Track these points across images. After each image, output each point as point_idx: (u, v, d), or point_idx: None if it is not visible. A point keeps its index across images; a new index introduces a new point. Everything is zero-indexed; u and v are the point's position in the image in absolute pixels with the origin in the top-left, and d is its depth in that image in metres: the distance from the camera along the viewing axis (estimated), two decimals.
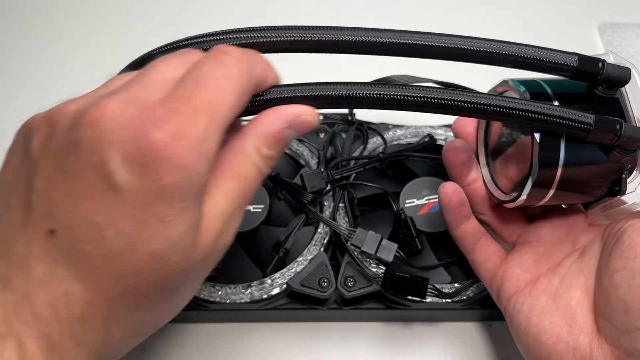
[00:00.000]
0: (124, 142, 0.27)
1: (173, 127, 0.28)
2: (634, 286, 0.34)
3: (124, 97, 0.29)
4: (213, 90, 0.30)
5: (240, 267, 0.51)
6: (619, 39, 0.74)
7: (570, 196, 0.40)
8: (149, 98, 0.29)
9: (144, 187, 0.27)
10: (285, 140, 0.33)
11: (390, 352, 0.52)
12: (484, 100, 0.35)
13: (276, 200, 0.53)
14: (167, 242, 0.28)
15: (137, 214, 0.28)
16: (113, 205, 0.27)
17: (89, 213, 0.27)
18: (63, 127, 0.29)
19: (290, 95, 0.34)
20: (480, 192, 0.45)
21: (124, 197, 0.27)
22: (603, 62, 0.36)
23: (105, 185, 0.27)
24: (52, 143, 0.29)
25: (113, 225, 0.27)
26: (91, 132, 0.27)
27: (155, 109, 0.28)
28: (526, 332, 0.40)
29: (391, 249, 0.48)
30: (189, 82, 0.30)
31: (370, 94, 0.34)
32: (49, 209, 0.28)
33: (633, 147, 0.36)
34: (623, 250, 0.36)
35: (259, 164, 0.33)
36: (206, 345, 0.52)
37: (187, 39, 0.35)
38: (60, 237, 0.28)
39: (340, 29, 0.35)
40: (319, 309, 0.51)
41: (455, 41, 0.35)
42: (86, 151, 0.27)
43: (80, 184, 0.28)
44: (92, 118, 0.28)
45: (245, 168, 0.32)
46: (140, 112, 0.28)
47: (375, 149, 0.56)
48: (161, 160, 0.27)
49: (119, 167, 0.27)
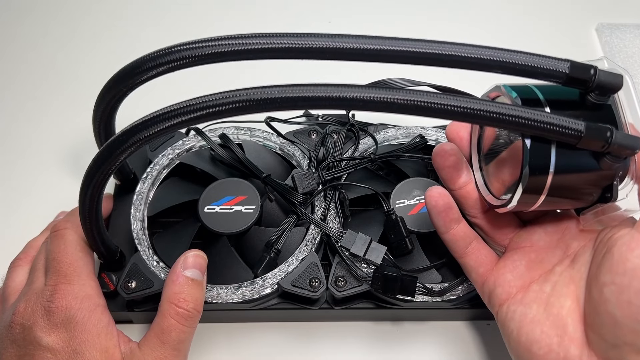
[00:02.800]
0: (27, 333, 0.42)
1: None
2: (623, 301, 0.34)
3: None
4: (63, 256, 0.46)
5: (232, 267, 0.50)
6: (617, 39, 0.74)
7: (561, 202, 0.40)
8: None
9: (68, 348, 0.42)
10: (189, 281, 0.44)
11: (381, 351, 0.52)
12: (475, 105, 0.34)
13: (267, 201, 0.53)
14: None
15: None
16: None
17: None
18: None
19: (283, 96, 0.34)
20: (472, 196, 0.45)
21: (57, 354, 0.42)
22: (595, 68, 0.36)
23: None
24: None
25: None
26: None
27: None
28: (517, 341, 0.40)
29: (380, 251, 0.48)
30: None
31: (361, 96, 0.34)
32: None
33: (624, 154, 0.36)
34: (612, 264, 0.35)
35: (180, 313, 0.43)
36: (198, 345, 0.52)
37: (180, 45, 0.35)
38: None
39: (333, 36, 0.34)
40: (310, 308, 0.51)
41: (445, 48, 0.35)
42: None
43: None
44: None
45: (166, 323, 0.43)
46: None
47: (367, 149, 0.56)
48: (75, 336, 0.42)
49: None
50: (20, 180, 0.62)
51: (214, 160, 0.55)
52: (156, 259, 0.50)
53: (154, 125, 0.35)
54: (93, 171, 0.38)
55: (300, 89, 0.34)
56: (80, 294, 0.44)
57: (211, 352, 0.52)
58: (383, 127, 0.58)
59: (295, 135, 0.57)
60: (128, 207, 0.52)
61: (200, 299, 0.45)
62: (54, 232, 0.48)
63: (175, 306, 0.43)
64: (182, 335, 0.43)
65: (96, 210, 0.41)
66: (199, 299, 0.44)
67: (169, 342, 0.43)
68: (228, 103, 0.34)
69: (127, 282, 0.48)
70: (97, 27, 0.75)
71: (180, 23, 0.76)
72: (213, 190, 0.52)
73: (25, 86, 0.69)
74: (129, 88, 0.39)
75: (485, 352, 0.52)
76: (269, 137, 0.57)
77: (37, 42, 0.73)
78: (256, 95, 0.33)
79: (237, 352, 0.52)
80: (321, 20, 0.76)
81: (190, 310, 0.43)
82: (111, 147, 0.36)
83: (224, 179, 0.53)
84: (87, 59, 0.72)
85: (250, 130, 0.57)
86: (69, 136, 0.65)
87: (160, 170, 0.55)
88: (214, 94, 0.34)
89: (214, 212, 0.51)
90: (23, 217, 0.59)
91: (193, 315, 0.44)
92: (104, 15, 0.76)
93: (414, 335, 0.53)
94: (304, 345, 0.53)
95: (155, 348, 0.43)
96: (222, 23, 0.75)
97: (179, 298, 0.43)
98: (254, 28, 0.35)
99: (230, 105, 0.34)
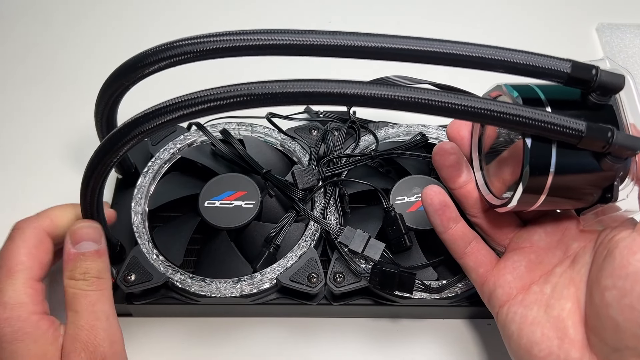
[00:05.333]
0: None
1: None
2: (625, 305, 0.34)
3: None
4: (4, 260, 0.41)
5: (231, 261, 0.51)
6: (617, 39, 0.74)
7: (561, 202, 0.40)
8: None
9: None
10: (80, 255, 0.42)
11: (379, 348, 0.52)
12: (476, 104, 0.34)
13: (267, 197, 0.53)
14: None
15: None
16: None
17: None
18: None
19: (284, 91, 0.34)
20: (472, 195, 0.45)
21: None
22: (597, 69, 0.36)
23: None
24: None
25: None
26: None
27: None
28: (518, 342, 0.40)
29: (378, 248, 0.48)
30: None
31: (362, 93, 0.34)
32: None
33: (625, 154, 0.36)
34: (614, 268, 0.35)
35: (81, 285, 0.41)
36: (197, 339, 0.52)
37: (182, 40, 0.35)
38: None
39: (334, 34, 0.34)
40: (309, 304, 0.51)
41: (448, 47, 0.35)
42: None
43: None
44: None
45: (72, 297, 0.41)
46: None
47: (368, 146, 0.56)
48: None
49: None
50: (21, 174, 0.62)
51: (215, 155, 0.56)
52: (156, 253, 0.50)
53: (155, 118, 0.35)
54: (95, 163, 0.38)
55: (301, 85, 0.34)
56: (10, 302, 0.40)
57: (209, 346, 0.52)
58: (384, 124, 0.58)
59: (296, 132, 0.57)
60: (129, 201, 0.52)
61: (97, 268, 0.42)
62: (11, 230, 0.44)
63: (75, 281, 0.41)
64: (91, 299, 0.41)
65: (97, 203, 0.41)
66: (95, 269, 0.42)
67: (82, 308, 0.41)
68: (230, 97, 0.34)
69: (126, 275, 0.48)
70: (100, 22, 0.75)
71: (181, 20, 0.76)
72: (213, 185, 0.53)
73: (26, 80, 0.69)
74: (131, 82, 0.39)
75: (484, 352, 0.52)
76: (270, 133, 0.57)
77: (40, 35, 0.73)
78: (258, 90, 0.34)
79: (234, 347, 0.52)
80: (321, 20, 0.76)
81: (88, 280, 0.41)
82: (113, 140, 0.36)
83: (224, 174, 0.53)
84: (89, 53, 0.72)
85: (251, 126, 0.57)
86: (70, 130, 0.64)
87: (161, 165, 0.55)
88: (215, 88, 0.34)
89: (214, 207, 0.51)
90: (24, 211, 0.59)
91: (93, 282, 0.41)
92: (107, 9, 0.76)
93: (412, 332, 0.53)
94: (302, 341, 0.53)
95: (73, 321, 0.40)
96: (222, 22, 0.75)
97: (74, 275, 0.41)
98: (254, 27, 0.35)
99: (231, 100, 0.34)
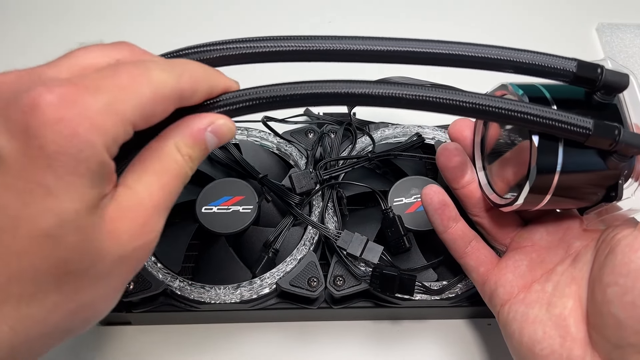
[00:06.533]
0: (6, 104, 0.25)
1: (66, 92, 0.26)
2: (627, 302, 0.35)
3: (18, 72, 0.27)
4: (127, 79, 0.28)
5: (230, 267, 0.50)
6: (617, 39, 0.74)
7: (566, 201, 0.40)
8: (47, 73, 0.27)
9: (28, 154, 0.25)
10: (204, 142, 0.32)
11: (380, 350, 0.52)
12: (484, 101, 0.34)
13: (265, 201, 0.52)
14: (56, 220, 0.25)
15: (20, 185, 0.25)
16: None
17: None
18: None
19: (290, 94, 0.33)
20: (475, 195, 0.45)
21: (7, 166, 0.25)
22: (602, 67, 0.36)
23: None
24: None
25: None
26: None
27: (51, 78, 0.26)
28: (519, 341, 0.40)
29: (377, 251, 0.48)
30: (104, 70, 0.28)
31: (369, 91, 0.34)
32: None
33: (631, 153, 0.36)
34: (616, 265, 0.36)
35: (179, 161, 0.31)
36: (198, 346, 0.52)
37: (186, 49, 0.34)
38: None
39: (339, 38, 0.34)
40: (309, 308, 0.51)
41: (453, 48, 0.35)
42: None
43: None
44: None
45: (166, 164, 0.31)
46: (33, 81, 0.26)
47: (364, 148, 0.56)
48: (46, 124, 0.25)
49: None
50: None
51: (211, 161, 0.55)
52: (154, 260, 0.49)
53: None
54: None
55: (308, 86, 0.33)
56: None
57: (210, 353, 0.52)
58: (383, 125, 0.57)
59: (292, 135, 0.57)
60: None
61: (196, 166, 0.33)
62: (148, 59, 0.32)
63: (180, 155, 0.32)
64: (175, 181, 0.32)
65: None
66: (197, 163, 0.33)
67: (166, 181, 0.31)
68: (235, 103, 0.33)
69: None
70: (104, 18, 0.74)
71: (180, 25, 0.75)
72: (210, 190, 0.52)
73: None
74: None
75: (485, 351, 0.52)
76: (266, 136, 0.57)
77: (40, 36, 0.72)
78: (266, 94, 0.33)
79: (236, 353, 0.52)
80: (322, 20, 0.76)
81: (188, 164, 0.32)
82: None
83: (221, 179, 0.53)
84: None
85: (247, 130, 0.57)
86: None
87: None
88: (226, 94, 0.33)
89: (212, 213, 0.51)
90: None
91: (189, 169, 0.32)
92: (111, 10, 0.76)
93: (413, 333, 0.53)
94: (303, 345, 0.52)
95: (149, 184, 0.31)
96: (222, 23, 0.74)
97: (182, 148, 0.31)
98: (253, 28, 0.35)
99: (240, 104, 0.33)
